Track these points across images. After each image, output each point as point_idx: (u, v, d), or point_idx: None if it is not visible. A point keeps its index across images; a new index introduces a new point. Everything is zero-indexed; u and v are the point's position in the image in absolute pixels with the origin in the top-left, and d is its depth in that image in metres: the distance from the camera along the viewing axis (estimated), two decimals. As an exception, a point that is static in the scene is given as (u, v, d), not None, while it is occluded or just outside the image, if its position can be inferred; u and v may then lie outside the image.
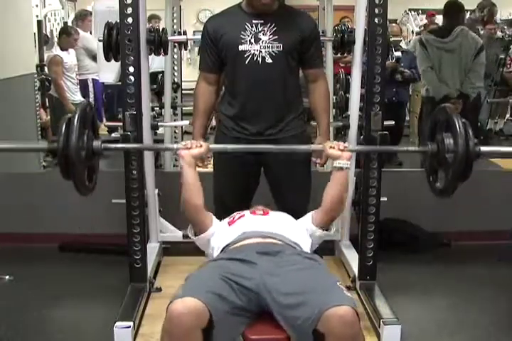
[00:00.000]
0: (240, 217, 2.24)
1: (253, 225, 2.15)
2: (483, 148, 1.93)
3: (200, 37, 2.60)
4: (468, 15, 7.17)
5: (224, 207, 2.61)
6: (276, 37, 2.42)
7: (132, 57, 2.42)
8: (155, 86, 4.27)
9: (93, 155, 2.01)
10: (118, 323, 2.20)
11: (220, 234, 2.18)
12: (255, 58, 2.43)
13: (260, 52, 2.43)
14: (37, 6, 6.08)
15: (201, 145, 2.14)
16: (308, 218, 2.23)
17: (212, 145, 2.18)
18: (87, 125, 1.97)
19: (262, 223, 2.17)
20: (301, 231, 2.19)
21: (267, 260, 1.93)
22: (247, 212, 2.28)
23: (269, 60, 2.43)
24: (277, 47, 2.43)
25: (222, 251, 2.10)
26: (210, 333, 1.74)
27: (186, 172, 2.12)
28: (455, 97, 3.99)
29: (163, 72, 4.17)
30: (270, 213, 2.28)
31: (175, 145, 2.16)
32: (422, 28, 7.06)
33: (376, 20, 2.44)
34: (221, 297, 1.77)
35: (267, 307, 1.83)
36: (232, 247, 2.07)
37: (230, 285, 1.82)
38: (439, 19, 6.86)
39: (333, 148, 2.14)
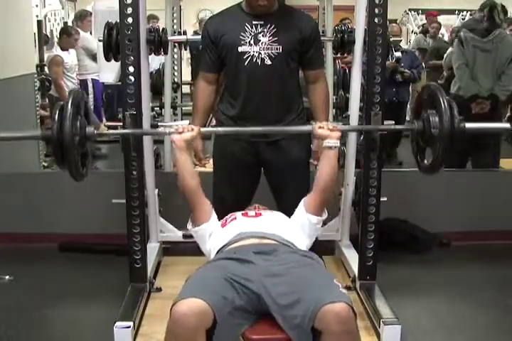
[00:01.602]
0: (232, 220, 2.24)
1: (247, 226, 2.16)
2: (468, 125, 1.97)
3: (200, 37, 2.60)
4: (468, 15, 7.21)
5: (224, 207, 2.60)
6: (275, 38, 2.42)
7: (132, 57, 2.42)
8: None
9: (87, 141, 2.04)
10: (118, 323, 2.20)
11: (215, 235, 2.18)
12: (254, 60, 2.43)
13: (260, 53, 2.43)
14: (37, 6, 6.07)
15: (192, 129, 2.18)
16: (300, 207, 2.23)
17: (204, 129, 2.22)
18: (80, 111, 1.99)
19: (256, 224, 2.18)
20: (295, 229, 2.19)
21: (263, 259, 1.94)
22: (238, 214, 2.28)
23: (268, 62, 2.43)
24: (277, 48, 2.43)
25: (218, 252, 2.10)
26: (212, 333, 1.74)
27: (179, 156, 2.17)
28: (485, 97, 3.94)
29: (157, 70, 4.18)
30: (263, 214, 2.28)
31: (167, 130, 2.20)
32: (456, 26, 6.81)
33: (376, 20, 2.44)
34: (224, 297, 1.77)
35: (266, 308, 1.83)
36: (228, 248, 2.07)
37: (232, 286, 1.82)
38: (440, 19, 6.90)
39: (322, 128, 2.16)
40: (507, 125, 2.14)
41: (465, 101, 3.91)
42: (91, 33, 5.43)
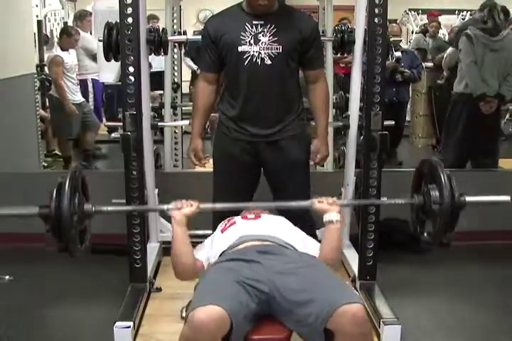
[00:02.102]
0: (231, 224, 2.22)
1: (248, 229, 2.15)
2: (469, 198, 2.02)
3: (200, 37, 2.60)
4: (468, 15, 7.21)
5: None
6: (275, 38, 2.42)
7: (132, 57, 2.42)
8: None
9: (85, 218, 2.04)
10: (118, 323, 2.20)
11: (215, 242, 2.16)
12: (254, 59, 2.43)
13: (260, 53, 2.43)
14: (37, 6, 6.08)
15: (192, 205, 2.11)
16: (316, 246, 2.17)
17: (203, 205, 2.16)
18: (78, 189, 1.99)
19: (256, 227, 2.17)
20: (296, 234, 2.19)
21: (269, 258, 1.93)
22: (238, 218, 2.26)
23: (268, 62, 2.43)
24: (277, 48, 2.43)
25: (220, 255, 2.09)
26: (227, 339, 1.73)
27: (177, 233, 2.08)
28: (491, 96, 3.92)
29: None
30: (262, 216, 2.26)
31: (165, 206, 2.15)
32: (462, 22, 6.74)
33: (376, 20, 2.44)
34: (240, 302, 1.74)
35: (274, 308, 1.82)
36: (231, 251, 2.06)
37: (245, 289, 1.80)
38: (440, 19, 6.89)
39: (322, 202, 2.12)
40: (507, 198, 2.19)
41: (473, 99, 3.90)
42: (91, 33, 5.43)
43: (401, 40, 5.85)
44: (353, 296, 1.74)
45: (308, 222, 2.55)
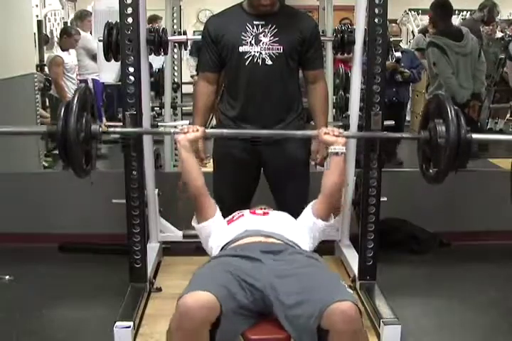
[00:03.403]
0: (239, 217, 2.24)
1: (254, 224, 2.16)
2: (475, 135, 1.97)
3: (200, 37, 2.60)
4: (468, 15, 7.21)
5: (224, 207, 2.61)
6: (276, 39, 2.42)
7: (132, 57, 2.42)
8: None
9: (91, 139, 2.03)
10: (118, 323, 2.20)
11: (218, 233, 2.18)
12: (255, 60, 2.43)
13: (260, 53, 2.43)
14: (37, 6, 6.09)
15: (197, 130, 2.18)
16: (308, 210, 2.23)
17: (209, 130, 2.21)
18: (86, 108, 1.99)
19: (263, 223, 2.17)
20: (300, 231, 2.19)
21: (270, 258, 1.93)
22: (246, 212, 2.28)
23: (269, 62, 2.43)
24: (277, 49, 2.43)
25: (222, 248, 2.10)
26: (215, 329, 1.73)
27: (183, 155, 2.16)
28: (469, 99, 3.96)
29: (159, 69, 4.17)
30: (270, 213, 2.28)
31: (172, 130, 2.19)
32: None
33: (376, 20, 2.44)
34: (230, 293, 1.76)
35: (269, 308, 1.83)
36: (233, 245, 2.07)
37: (239, 283, 1.82)
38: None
39: (328, 134, 2.16)
40: None
41: (458, 106, 3.92)
42: (91, 33, 5.43)
43: (401, 40, 5.86)
44: (346, 294, 1.75)
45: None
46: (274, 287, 1.82)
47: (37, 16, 5.90)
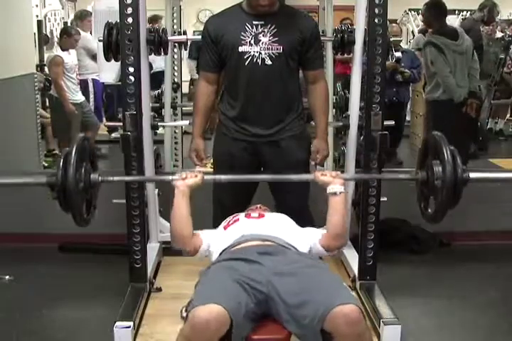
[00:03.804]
0: (234, 221, 2.24)
1: (250, 228, 2.15)
2: (472, 174, 1.97)
3: (200, 37, 2.60)
4: (468, 15, 7.21)
5: (223, 208, 2.62)
6: (276, 38, 2.42)
7: (132, 57, 2.42)
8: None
9: (91, 188, 2.04)
10: (118, 323, 2.19)
11: (217, 240, 2.17)
12: (255, 60, 2.43)
13: (260, 53, 2.43)
14: (37, 6, 6.10)
15: (196, 176, 2.13)
16: (317, 235, 2.18)
17: (207, 176, 2.17)
18: (85, 157, 1.99)
19: (259, 226, 2.17)
20: (299, 235, 2.19)
21: (269, 259, 1.93)
22: (241, 216, 2.27)
23: (268, 62, 2.43)
24: (277, 49, 2.43)
25: (220, 254, 2.10)
26: (227, 338, 1.73)
27: (179, 203, 2.10)
28: (467, 97, 4.02)
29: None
30: (266, 215, 2.27)
31: (171, 177, 2.17)
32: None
33: (376, 20, 2.44)
34: (239, 302, 1.75)
35: (271, 309, 1.83)
36: (231, 250, 2.07)
37: (244, 288, 1.81)
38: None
39: (325, 175, 2.12)
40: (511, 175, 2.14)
41: (456, 105, 3.98)
42: (91, 33, 5.43)
43: (401, 40, 5.86)
44: (348, 297, 1.75)
45: (308, 220, 2.54)
46: (275, 286, 1.82)
47: (37, 16, 5.91)
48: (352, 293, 1.82)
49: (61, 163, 1.89)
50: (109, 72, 4.05)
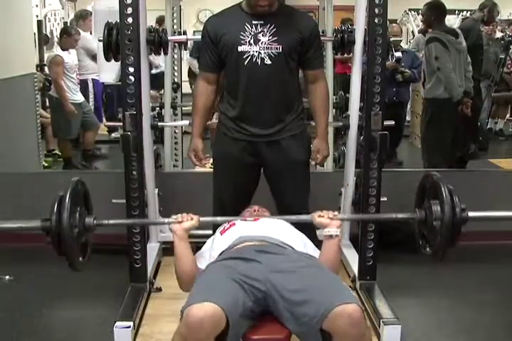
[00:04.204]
0: (230, 226, 2.24)
1: (247, 231, 2.16)
2: (471, 214, 1.97)
3: (200, 37, 2.60)
4: (468, 15, 7.21)
5: (223, 207, 2.62)
6: (275, 38, 2.42)
7: (132, 57, 2.42)
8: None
9: (86, 232, 2.04)
10: (118, 323, 2.20)
11: (214, 246, 2.17)
12: (254, 59, 2.43)
13: (259, 53, 2.43)
14: (37, 6, 6.09)
15: (192, 218, 2.11)
16: (315, 251, 2.17)
17: (203, 218, 2.15)
18: (79, 201, 1.99)
19: (255, 228, 2.17)
20: (295, 236, 2.19)
21: (267, 257, 1.94)
22: (237, 221, 2.28)
23: (268, 62, 2.43)
24: (277, 48, 2.43)
25: (220, 255, 2.10)
26: (223, 337, 1.72)
27: (179, 246, 2.08)
28: (463, 96, 4.06)
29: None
30: (261, 219, 2.27)
31: (166, 220, 2.16)
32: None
33: (376, 20, 2.44)
34: (236, 300, 1.75)
35: (271, 307, 1.83)
36: (230, 250, 2.07)
37: (241, 286, 1.81)
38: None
39: (322, 216, 2.11)
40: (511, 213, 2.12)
41: (454, 104, 4.01)
42: (91, 33, 5.43)
43: (401, 40, 5.85)
44: (349, 297, 1.74)
45: (308, 224, 2.54)
46: (274, 284, 1.82)
47: (37, 16, 5.91)
48: (352, 293, 1.81)
49: (55, 208, 1.89)
50: (109, 72, 4.03)
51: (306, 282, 1.81)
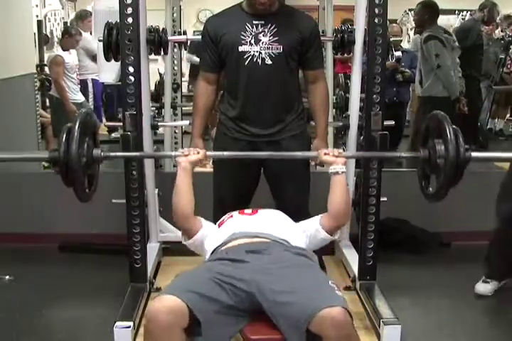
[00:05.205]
0: (228, 218, 2.25)
1: (241, 225, 2.16)
2: (474, 154, 1.97)
3: (200, 37, 2.60)
4: (468, 15, 7.21)
5: (223, 207, 2.61)
6: (276, 38, 2.42)
7: (132, 57, 2.42)
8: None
9: (93, 163, 2.03)
10: (118, 323, 2.20)
11: (211, 237, 2.17)
12: (255, 59, 2.43)
13: (260, 53, 2.43)
14: (37, 6, 6.09)
15: (198, 152, 2.13)
16: (316, 219, 2.19)
17: (209, 153, 2.17)
18: (88, 133, 1.98)
19: (250, 223, 2.18)
20: (292, 228, 2.19)
21: (256, 258, 1.94)
22: (235, 213, 2.28)
23: (268, 62, 2.43)
24: (277, 48, 2.43)
25: (212, 252, 2.11)
26: (198, 333, 1.75)
27: (181, 178, 2.11)
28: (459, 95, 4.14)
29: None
30: (259, 211, 2.27)
31: (173, 153, 2.18)
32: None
33: (376, 20, 2.44)
34: (206, 297, 1.77)
35: (260, 307, 1.83)
36: (222, 249, 2.08)
37: (220, 286, 1.82)
38: (440, 19, 6.89)
39: (328, 154, 2.13)
40: None
41: (452, 102, 4.06)
42: (91, 33, 5.42)
43: (401, 40, 5.85)
44: (335, 299, 1.74)
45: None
46: (259, 285, 1.82)
47: (37, 16, 5.90)
48: (338, 292, 1.80)
49: (64, 138, 1.88)
50: (109, 72, 4.03)
51: (291, 283, 1.81)
